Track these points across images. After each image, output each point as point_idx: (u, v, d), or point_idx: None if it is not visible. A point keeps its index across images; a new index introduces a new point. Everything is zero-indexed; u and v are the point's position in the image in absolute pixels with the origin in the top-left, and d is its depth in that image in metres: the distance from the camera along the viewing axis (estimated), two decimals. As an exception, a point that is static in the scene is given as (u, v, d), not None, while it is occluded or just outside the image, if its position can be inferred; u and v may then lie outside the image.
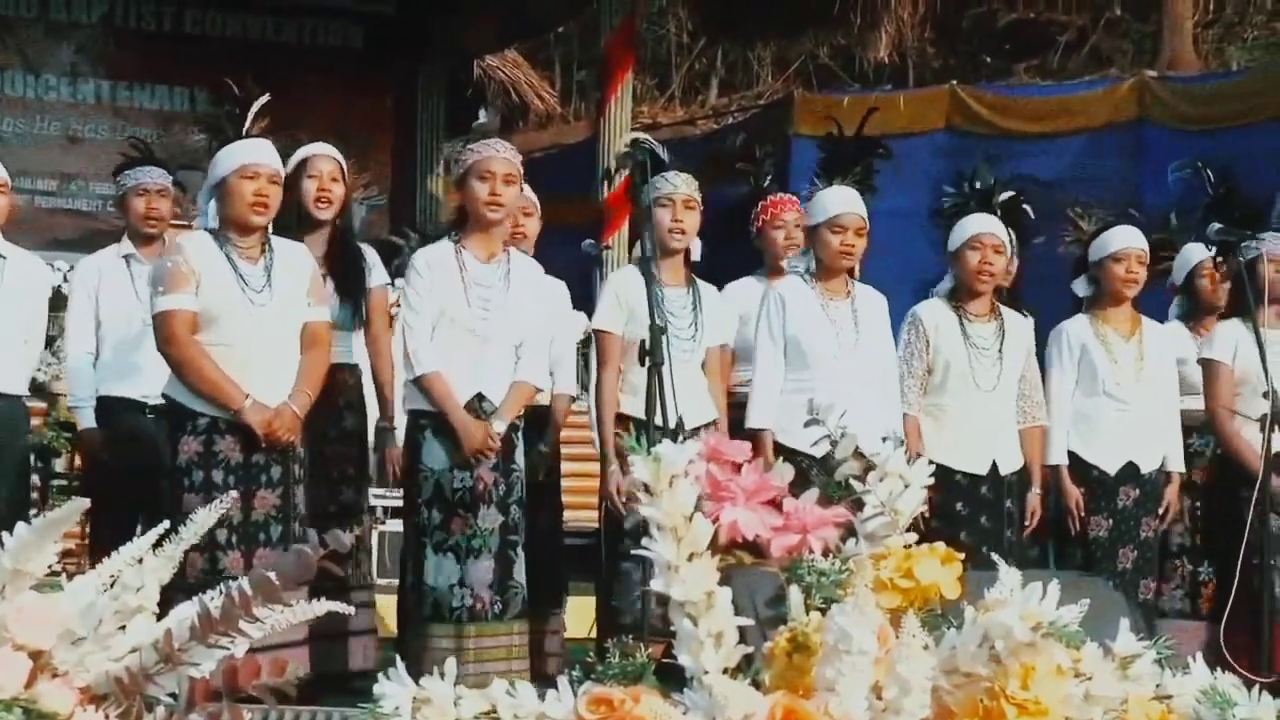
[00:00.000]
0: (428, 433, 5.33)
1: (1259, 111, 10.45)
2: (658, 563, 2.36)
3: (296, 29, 11.38)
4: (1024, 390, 5.97)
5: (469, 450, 5.26)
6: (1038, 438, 6.01)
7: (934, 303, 5.98)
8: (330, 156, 5.83)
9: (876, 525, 2.80)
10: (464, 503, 5.28)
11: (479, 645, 5.27)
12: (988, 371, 5.85)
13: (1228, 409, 6.17)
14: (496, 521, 5.30)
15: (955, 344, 5.85)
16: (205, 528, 2.19)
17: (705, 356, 5.69)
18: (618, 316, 5.61)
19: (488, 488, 5.30)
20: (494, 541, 5.29)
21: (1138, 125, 11.28)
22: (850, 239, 5.70)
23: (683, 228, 5.65)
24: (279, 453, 5.14)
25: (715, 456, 2.83)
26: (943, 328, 5.87)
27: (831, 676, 2.33)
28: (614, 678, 2.45)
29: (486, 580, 5.27)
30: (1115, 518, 6.07)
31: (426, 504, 5.31)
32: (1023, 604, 2.44)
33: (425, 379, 5.30)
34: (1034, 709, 2.40)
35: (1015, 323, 5.97)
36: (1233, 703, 2.60)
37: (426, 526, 5.29)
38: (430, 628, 5.26)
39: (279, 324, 5.20)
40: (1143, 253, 6.18)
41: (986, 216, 5.91)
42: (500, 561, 5.30)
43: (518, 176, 5.42)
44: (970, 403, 5.84)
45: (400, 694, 2.28)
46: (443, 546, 5.27)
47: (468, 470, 5.29)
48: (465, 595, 5.24)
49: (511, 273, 5.42)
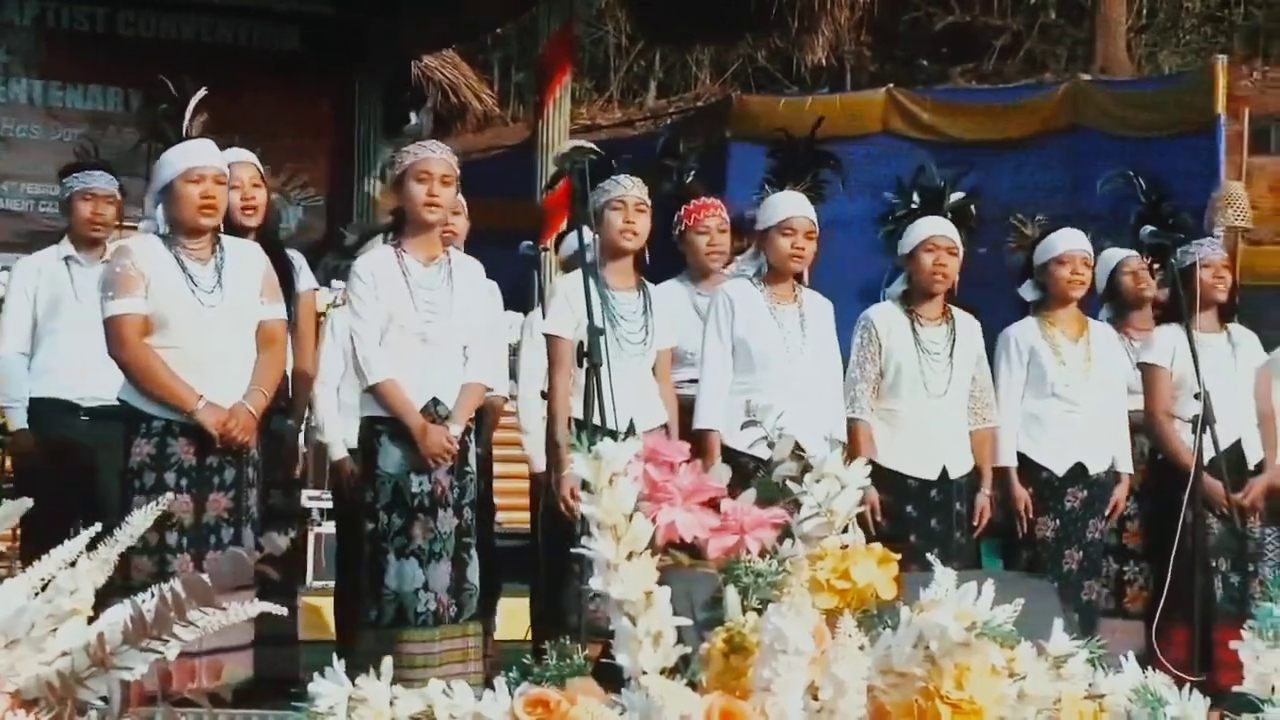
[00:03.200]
0: (384, 438, 5.30)
1: (1191, 119, 10.55)
2: (597, 562, 2.37)
3: (232, 30, 11.29)
4: (974, 392, 6.00)
5: (429, 455, 5.23)
6: (988, 439, 6.04)
7: (886, 306, 6.00)
8: (248, 163, 5.79)
9: (813, 526, 2.82)
10: (424, 507, 5.26)
11: (442, 649, 5.26)
12: (939, 376, 5.87)
13: (1167, 412, 6.24)
14: (452, 524, 5.29)
15: (907, 348, 5.87)
16: (141, 530, 2.17)
17: (655, 359, 5.68)
18: (568, 320, 5.60)
19: (445, 491, 5.28)
20: (450, 544, 5.28)
21: (1072, 130, 11.36)
22: (800, 241, 5.71)
23: (634, 229, 5.65)
24: (233, 455, 5.10)
25: (653, 457, 2.83)
26: (895, 331, 5.89)
27: (768, 677, 2.33)
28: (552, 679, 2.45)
29: (445, 584, 5.26)
30: (1062, 519, 6.10)
31: (385, 509, 5.27)
32: (957, 604, 2.45)
33: (380, 387, 5.28)
34: (968, 708, 2.42)
35: (966, 325, 6.00)
36: (1164, 702, 2.63)
37: (386, 532, 5.26)
38: (395, 633, 5.22)
39: (231, 324, 5.16)
40: (1087, 255, 6.24)
41: (938, 219, 5.94)
42: (456, 564, 5.29)
43: (454, 177, 5.41)
44: (921, 407, 5.86)
45: (336, 694, 2.27)
46: (405, 551, 5.24)
47: (425, 474, 5.27)
48: (430, 599, 5.23)
49: (454, 274, 5.40)
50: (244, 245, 5.35)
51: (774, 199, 5.81)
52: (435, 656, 5.18)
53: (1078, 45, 18.99)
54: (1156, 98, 11.39)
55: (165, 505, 2.26)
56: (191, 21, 11.17)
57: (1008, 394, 6.11)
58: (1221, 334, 6.36)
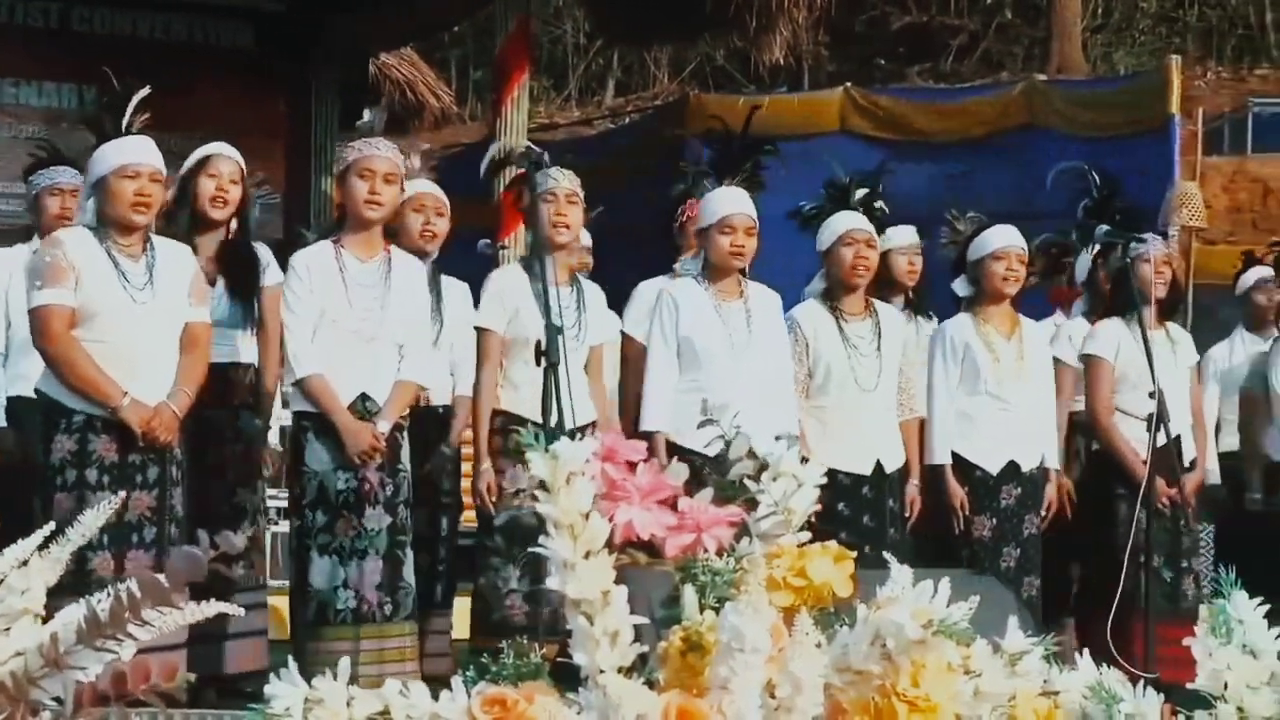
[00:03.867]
0: (311, 434, 5.29)
1: (1146, 119, 10.60)
2: (554, 560, 2.36)
3: (187, 27, 11.22)
4: (901, 383, 6.03)
5: (354, 451, 5.22)
6: (916, 429, 6.06)
7: (810, 305, 6.02)
8: (231, 158, 5.76)
9: (770, 524, 2.82)
10: (348, 504, 5.25)
11: (378, 647, 5.23)
12: (868, 370, 5.90)
13: (1107, 406, 6.27)
14: (384, 522, 5.27)
15: (834, 346, 5.89)
16: (93, 530, 2.16)
17: (588, 356, 5.68)
18: (499, 314, 5.61)
19: (373, 489, 5.27)
20: (382, 542, 5.26)
21: (1028, 130, 11.41)
22: (740, 239, 5.72)
23: (566, 222, 5.66)
24: (156, 453, 5.07)
25: (611, 456, 2.83)
26: (820, 330, 5.91)
27: (725, 675, 2.33)
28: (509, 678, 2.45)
29: (374, 581, 5.23)
30: (998, 517, 6.13)
31: (310, 506, 5.27)
32: (914, 602, 2.46)
33: (306, 381, 5.26)
34: (924, 706, 2.42)
35: (889, 317, 6.02)
36: (1118, 699, 2.64)
37: (310, 529, 5.25)
38: (317, 631, 5.22)
39: (160, 323, 5.13)
40: (1022, 251, 6.26)
41: (853, 213, 5.97)
42: (389, 562, 5.27)
43: (399, 176, 5.39)
44: (852, 403, 5.88)
45: (291, 695, 2.26)
46: (327, 549, 5.23)
47: (352, 471, 5.25)
48: (349, 597, 5.21)
49: (392, 272, 5.39)
50: (174, 246, 5.31)
51: (713, 196, 5.82)
52: (357, 655, 5.13)
53: (1034, 45, 19.09)
54: (1111, 97, 11.45)
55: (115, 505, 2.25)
56: (146, 18, 11.09)
57: (941, 390, 6.12)
58: (1160, 331, 6.40)
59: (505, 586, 5.55)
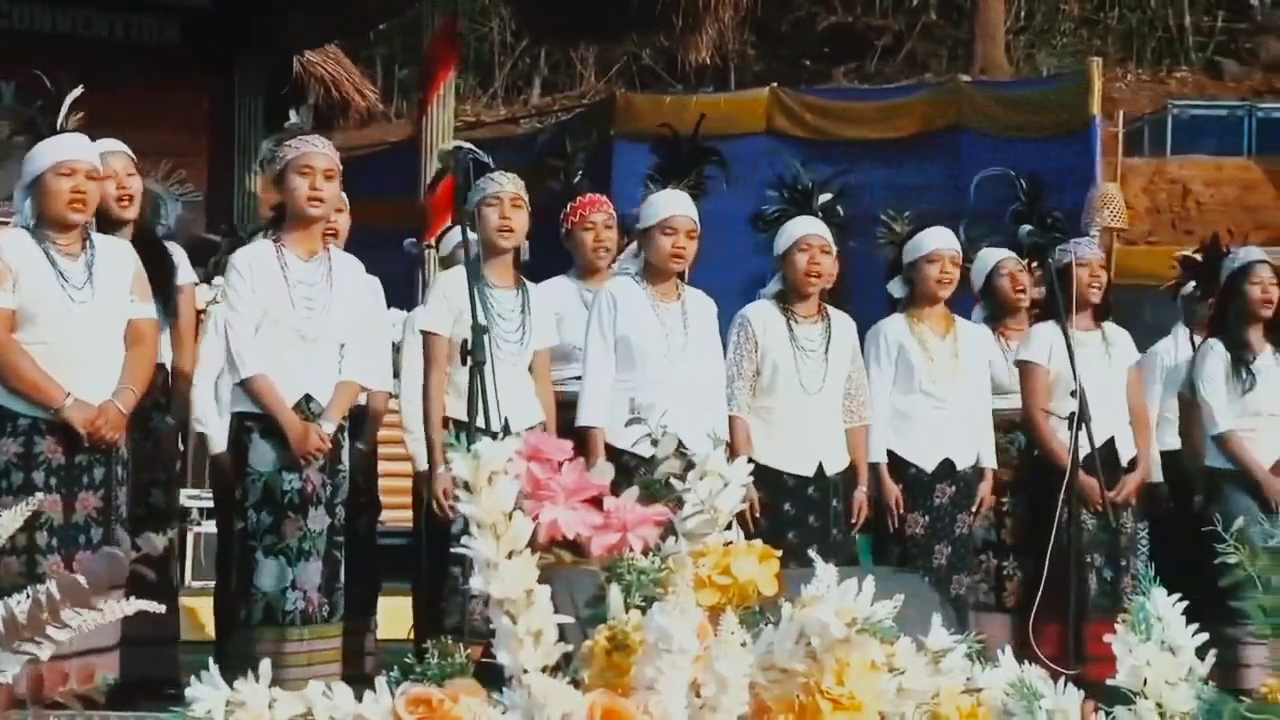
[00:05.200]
0: (255, 435, 5.24)
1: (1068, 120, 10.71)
2: (477, 561, 2.35)
3: (109, 23, 11.12)
4: (850, 390, 6.05)
5: (300, 452, 5.19)
6: (864, 437, 6.09)
7: (762, 304, 6.04)
8: (122, 153, 5.70)
9: (696, 523, 2.82)
10: (294, 505, 5.21)
11: (311, 649, 5.21)
12: (813, 373, 5.92)
13: (1044, 410, 6.32)
14: (324, 523, 5.24)
15: (782, 346, 5.91)
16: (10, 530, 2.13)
17: (533, 359, 5.67)
18: (445, 318, 5.57)
19: (316, 489, 5.23)
20: (322, 543, 5.23)
21: (954, 130, 11.49)
22: (681, 241, 5.72)
23: (510, 226, 5.62)
24: (101, 453, 5.03)
25: (536, 455, 2.82)
26: (770, 330, 5.93)
27: (651, 675, 2.34)
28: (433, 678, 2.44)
29: (316, 582, 5.21)
30: (931, 515, 6.17)
31: (255, 507, 5.22)
32: (838, 601, 2.47)
33: (251, 382, 5.22)
34: (848, 704, 2.44)
35: (841, 323, 6.05)
36: (1039, 695, 2.67)
37: (255, 530, 5.21)
38: (261, 632, 5.17)
39: (101, 321, 5.08)
40: (956, 253, 6.30)
41: (811, 219, 5.99)
42: (328, 563, 5.25)
43: (337, 171, 5.36)
44: (797, 405, 5.90)
45: (213, 697, 2.24)
46: (273, 550, 5.19)
47: (296, 472, 5.22)
48: (297, 599, 5.18)
49: (334, 270, 5.35)
50: (115, 243, 5.27)
51: (656, 198, 5.82)
52: (303, 656, 5.13)
53: (958, 46, 19.24)
54: (1034, 99, 11.56)
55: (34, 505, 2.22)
56: (68, 14, 10.98)
57: (876, 391, 6.16)
58: (1096, 332, 6.46)
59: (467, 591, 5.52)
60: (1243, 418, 6.43)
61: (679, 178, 5.96)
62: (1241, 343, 6.49)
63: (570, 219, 6.17)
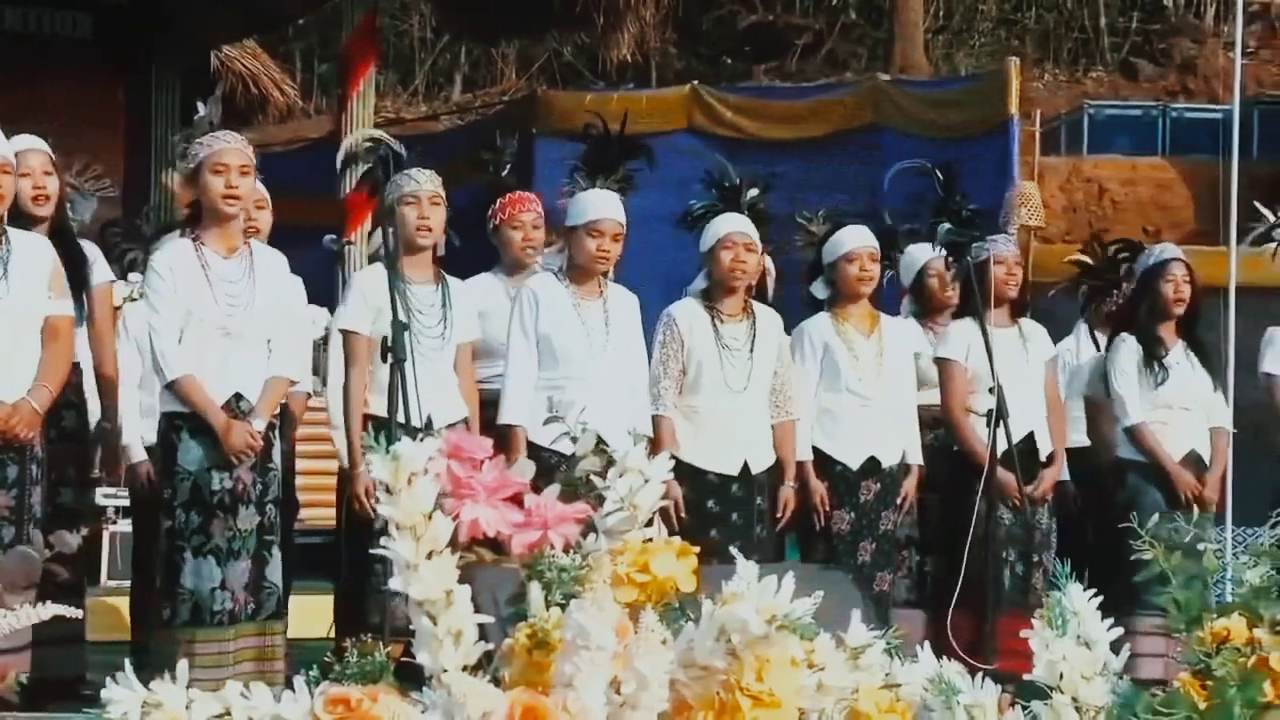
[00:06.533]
0: (184, 434, 5.19)
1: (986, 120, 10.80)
2: (396, 562, 2.35)
3: (21, 17, 10.96)
4: (776, 386, 6.07)
5: (231, 451, 5.14)
6: (790, 432, 6.11)
7: (687, 303, 6.05)
8: (38, 150, 5.64)
9: (616, 521, 2.82)
10: (223, 504, 5.17)
11: (239, 647, 5.17)
12: (739, 372, 5.93)
13: (963, 406, 6.37)
14: (254, 522, 5.21)
15: (708, 345, 5.92)
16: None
17: (455, 354, 5.65)
18: (364, 316, 5.55)
19: (246, 488, 5.20)
20: (251, 542, 5.19)
21: (873, 129, 11.55)
22: (607, 244, 5.72)
23: (429, 224, 5.62)
24: (15, 451, 4.97)
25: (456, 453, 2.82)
26: (696, 328, 5.94)
27: (570, 672, 2.34)
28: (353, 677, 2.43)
29: (243, 581, 5.17)
30: (857, 512, 6.21)
31: (184, 506, 5.17)
32: (758, 598, 2.48)
33: (179, 383, 5.17)
34: (768, 700, 2.45)
35: (767, 320, 6.07)
36: (957, 690, 2.69)
37: (184, 530, 5.16)
38: (189, 632, 5.13)
39: (16, 318, 5.02)
40: (874, 251, 6.33)
41: (737, 216, 6.01)
42: (256, 562, 5.21)
43: (252, 167, 5.32)
44: (722, 403, 5.92)
45: (129, 699, 2.22)
46: (203, 550, 5.15)
47: (226, 471, 5.18)
48: (226, 598, 5.14)
49: (255, 266, 5.31)
50: (32, 238, 5.21)
51: (583, 198, 5.81)
52: (229, 656, 5.11)
53: (877, 46, 19.34)
54: (952, 98, 11.64)
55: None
56: (-22, 7, 10.83)
57: (802, 389, 6.19)
58: (1013, 328, 6.51)
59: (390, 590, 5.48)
60: (1154, 411, 6.51)
61: (606, 173, 5.95)
62: (1154, 338, 6.57)
63: (499, 216, 6.16)
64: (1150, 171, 14.64)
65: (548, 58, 19.75)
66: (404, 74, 20.56)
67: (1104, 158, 14.66)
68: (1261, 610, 2.78)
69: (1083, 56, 19.38)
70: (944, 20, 20.04)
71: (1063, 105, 16.83)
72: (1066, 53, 19.46)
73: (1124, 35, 19.39)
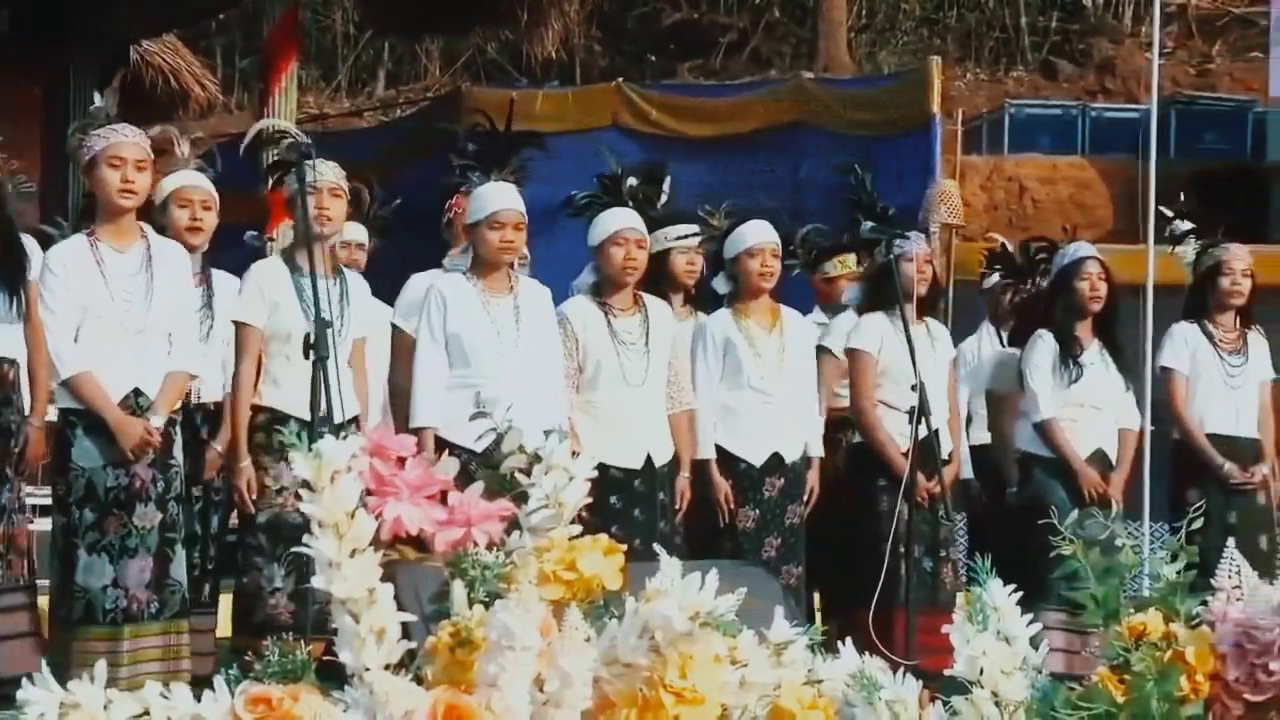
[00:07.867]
0: (79, 430, 5.15)
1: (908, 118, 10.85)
2: (319, 560, 2.33)
3: (-67, 9, 10.83)
4: (670, 377, 6.09)
5: (128, 447, 5.10)
6: (685, 422, 6.12)
7: (579, 300, 6.05)
8: None
9: (541, 518, 2.82)
10: (119, 501, 5.13)
11: (135, 647, 5.12)
12: (635, 366, 5.95)
13: (871, 399, 6.41)
14: (155, 519, 5.16)
15: (602, 341, 5.93)
16: None
17: (350, 350, 5.63)
18: (259, 308, 5.53)
19: (145, 485, 5.16)
20: (152, 540, 5.15)
21: (797, 127, 11.58)
22: (509, 235, 5.71)
23: (328, 215, 5.61)
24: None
25: (379, 452, 2.81)
26: (590, 325, 5.94)
27: (494, 671, 2.34)
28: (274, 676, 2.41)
29: (143, 580, 5.13)
30: (761, 508, 6.23)
31: (78, 503, 5.13)
32: (682, 595, 2.49)
33: (73, 380, 5.13)
34: (691, 697, 2.45)
35: (658, 312, 6.08)
36: (879, 686, 2.71)
37: (78, 527, 5.12)
38: (82, 631, 5.09)
39: None
40: (776, 246, 6.35)
41: (626, 211, 6.01)
42: (158, 560, 5.17)
43: (149, 161, 5.26)
44: (621, 398, 5.92)
45: (46, 700, 2.19)
46: (96, 547, 5.11)
47: (122, 468, 5.13)
48: (119, 596, 5.09)
49: (153, 260, 5.25)
50: None
51: (481, 192, 5.79)
52: (123, 655, 5.06)
53: (801, 44, 19.41)
54: (875, 96, 11.68)
55: None
56: (-113, 0, 10.66)
57: (704, 386, 6.20)
58: (920, 326, 6.52)
59: (270, 585, 5.47)
60: (1066, 408, 6.57)
61: (498, 167, 5.94)
62: (1070, 336, 6.62)
63: (455, 209, 6.18)
64: (1070, 170, 14.76)
65: (472, 54, 19.69)
66: (327, 69, 20.43)
67: (1025, 156, 14.77)
68: (1177, 605, 2.81)
69: (1004, 56, 19.53)
70: (867, 19, 20.14)
71: (984, 104, 16.95)
72: (988, 52, 19.61)
73: (1044, 35, 19.56)
